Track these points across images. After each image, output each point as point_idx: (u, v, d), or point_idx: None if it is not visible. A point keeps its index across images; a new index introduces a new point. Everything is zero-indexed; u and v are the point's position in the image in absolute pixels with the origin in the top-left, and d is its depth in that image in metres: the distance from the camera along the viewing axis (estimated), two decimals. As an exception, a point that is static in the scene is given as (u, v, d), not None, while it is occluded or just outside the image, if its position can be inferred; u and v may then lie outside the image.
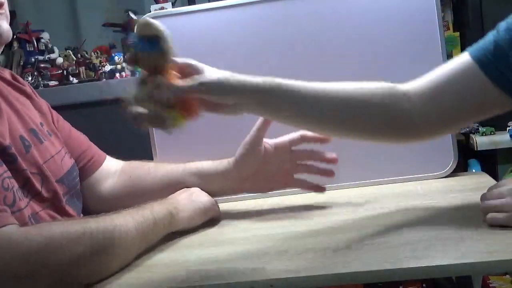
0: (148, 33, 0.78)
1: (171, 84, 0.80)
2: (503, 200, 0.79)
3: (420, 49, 1.16)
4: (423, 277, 1.19)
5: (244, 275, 0.75)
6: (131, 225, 0.84)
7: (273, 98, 0.86)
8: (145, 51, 0.80)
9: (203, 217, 1.01)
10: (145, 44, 0.79)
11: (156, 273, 0.80)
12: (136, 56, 0.80)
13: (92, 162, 1.10)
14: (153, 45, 0.79)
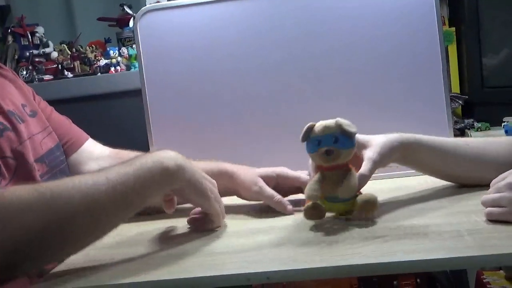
0: (349, 130, 0.85)
1: (362, 175, 0.88)
2: (500, 195, 0.80)
3: (418, 44, 1.17)
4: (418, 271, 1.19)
5: (240, 267, 0.75)
6: (103, 186, 0.77)
7: (420, 152, 0.96)
8: (348, 148, 0.86)
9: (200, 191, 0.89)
10: (346, 140, 0.85)
11: (148, 264, 0.80)
12: (340, 154, 0.85)
13: (70, 143, 1.09)
14: (352, 140, 0.86)
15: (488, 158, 0.97)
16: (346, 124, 0.86)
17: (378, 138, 0.93)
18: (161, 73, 1.22)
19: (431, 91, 1.18)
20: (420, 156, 0.97)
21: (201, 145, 1.21)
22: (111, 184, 0.78)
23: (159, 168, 0.83)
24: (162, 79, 1.22)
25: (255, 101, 1.20)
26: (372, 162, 0.90)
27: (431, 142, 0.96)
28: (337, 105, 1.18)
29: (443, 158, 0.97)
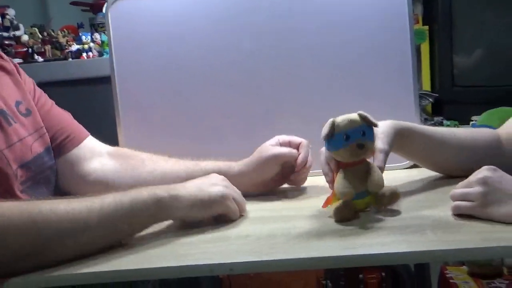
0: (374, 122, 0.84)
1: (381, 168, 0.87)
2: (470, 189, 0.80)
3: (389, 41, 1.17)
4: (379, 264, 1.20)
5: (204, 258, 0.75)
6: (95, 218, 0.77)
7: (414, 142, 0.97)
8: (373, 140, 0.85)
9: (204, 210, 0.87)
10: (372, 133, 0.85)
11: (110, 253, 0.79)
12: (366, 146, 0.83)
13: (70, 138, 1.06)
14: (373, 134, 0.85)
15: (469, 147, 0.99)
16: (369, 116, 0.84)
17: (381, 127, 0.91)
18: (132, 61, 1.20)
19: (400, 88, 1.18)
20: (414, 145, 0.97)
21: (171, 136, 1.20)
22: (101, 216, 0.78)
23: (153, 199, 0.82)
24: (133, 67, 1.20)
25: (227, 91, 1.19)
26: (384, 154, 0.89)
27: (424, 131, 0.98)
28: (307, 99, 1.18)
29: (432, 147, 0.98)
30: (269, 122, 1.18)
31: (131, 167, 1.07)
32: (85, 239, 0.77)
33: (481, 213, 0.79)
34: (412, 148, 0.99)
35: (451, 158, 0.99)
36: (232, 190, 0.91)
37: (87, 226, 0.77)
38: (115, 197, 0.80)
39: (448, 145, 0.99)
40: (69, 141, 1.06)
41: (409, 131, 0.96)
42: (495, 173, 0.80)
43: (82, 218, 0.77)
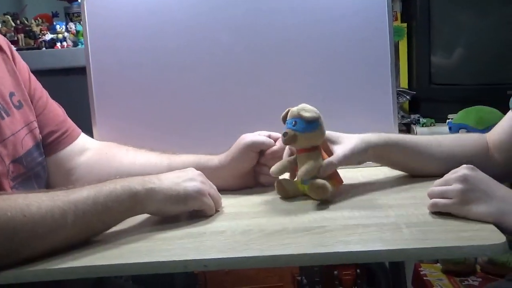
0: (307, 115, 0.89)
1: (329, 162, 0.91)
2: (448, 187, 0.80)
3: (368, 37, 1.16)
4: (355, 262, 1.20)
5: (178, 254, 0.74)
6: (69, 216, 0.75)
7: (394, 152, 0.98)
8: (305, 131, 0.90)
9: (179, 205, 0.85)
10: (304, 124, 0.90)
11: (83, 249, 0.77)
12: (296, 137, 0.90)
13: (66, 135, 1.04)
14: (312, 125, 0.90)
15: (458, 156, 0.98)
16: (305, 109, 0.91)
17: (354, 137, 0.95)
18: (108, 51, 1.17)
19: (378, 84, 1.17)
20: (394, 156, 0.99)
21: (147, 129, 1.17)
22: (77, 215, 0.76)
23: (128, 194, 0.81)
24: (108, 58, 1.17)
25: (205, 85, 1.17)
26: (342, 155, 0.92)
27: (405, 142, 0.98)
28: (285, 94, 1.17)
29: (417, 158, 0.99)
30: (247, 116, 1.16)
31: (114, 157, 1.05)
32: (60, 238, 0.75)
33: (458, 211, 0.79)
34: (394, 159, 1.00)
35: (437, 167, 0.98)
36: (208, 185, 0.90)
37: (62, 226, 0.75)
38: (89, 193, 0.78)
39: (433, 156, 0.99)
40: (64, 138, 1.04)
41: (391, 143, 0.97)
42: (474, 171, 0.81)
43: (58, 220, 0.75)
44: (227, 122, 1.17)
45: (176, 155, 1.04)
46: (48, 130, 1.01)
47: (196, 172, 0.90)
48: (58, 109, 1.06)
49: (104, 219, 0.79)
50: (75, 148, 1.05)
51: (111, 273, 0.76)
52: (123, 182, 0.81)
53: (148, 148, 1.07)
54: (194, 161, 1.01)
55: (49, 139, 1.01)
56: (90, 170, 1.04)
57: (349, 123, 1.15)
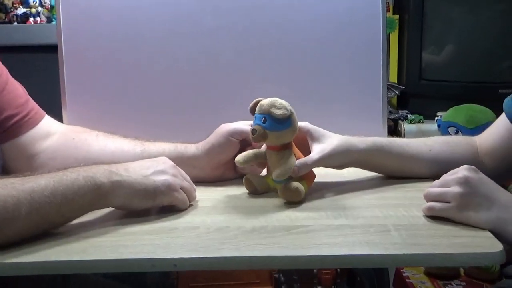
0: (278, 113, 0.82)
1: (304, 163, 0.85)
2: (447, 189, 0.75)
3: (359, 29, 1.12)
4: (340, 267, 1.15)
5: (146, 252, 0.67)
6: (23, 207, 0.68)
7: (379, 157, 0.93)
8: (275, 130, 0.83)
9: (147, 201, 0.78)
10: (274, 122, 0.83)
11: (42, 242, 0.70)
12: (265, 134, 0.83)
13: (27, 118, 0.96)
14: (283, 123, 0.83)
15: (448, 161, 0.93)
16: (276, 105, 0.83)
17: (335, 138, 0.90)
18: (81, 29, 1.10)
19: (368, 77, 1.14)
20: (381, 162, 0.94)
21: (121, 113, 1.11)
22: (32, 206, 0.68)
23: (91, 187, 0.73)
24: (82, 36, 1.11)
25: (183, 68, 1.11)
26: (319, 157, 0.86)
27: (392, 147, 0.93)
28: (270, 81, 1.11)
29: (404, 163, 0.94)
30: (227, 105, 1.11)
31: (82, 142, 0.98)
32: (12, 230, 0.68)
33: (456, 216, 0.74)
34: (380, 165, 0.95)
35: (425, 172, 0.94)
36: (180, 179, 0.83)
37: (16, 218, 0.67)
38: (48, 182, 0.70)
39: (422, 160, 0.94)
40: (26, 121, 0.96)
41: (377, 149, 0.92)
42: (475, 173, 0.76)
43: (11, 210, 0.67)
44: (206, 110, 1.11)
45: (150, 142, 0.97)
46: (8, 113, 0.93)
47: (168, 164, 0.83)
48: (19, 89, 0.97)
49: (64, 212, 0.72)
50: (38, 132, 0.97)
51: (70, 270, 0.69)
52: (87, 172, 0.74)
53: (121, 134, 1.00)
54: (170, 149, 0.94)
55: (8, 122, 0.93)
56: (54, 157, 0.96)
57: (336, 116, 1.11)
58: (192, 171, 0.90)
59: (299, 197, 0.84)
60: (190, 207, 0.84)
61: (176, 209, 0.82)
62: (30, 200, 0.68)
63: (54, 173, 0.72)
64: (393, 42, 1.81)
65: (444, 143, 0.98)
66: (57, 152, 0.97)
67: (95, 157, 0.92)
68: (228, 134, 0.93)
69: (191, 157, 0.94)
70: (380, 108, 1.13)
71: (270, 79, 1.12)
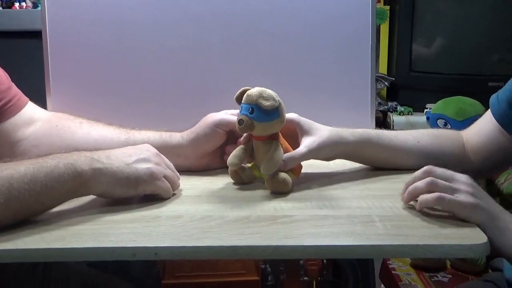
0: (266, 105, 0.80)
1: (291, 158, 0.84)
2: (426, 180, 0.75)
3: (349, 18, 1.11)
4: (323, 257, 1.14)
5: (126, 240, 0.66)
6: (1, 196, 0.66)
7: (367, 149, 0.92)
8: (263, 121, 0.82)
9: (129, 189, 0.77)
10: (262, 113, 0.81)
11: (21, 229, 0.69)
12: (253, 125, 0.81)
13: (10, 105, 0.94)
14: (271, 114, 0.82)
15: (436, 154, 0.94)
16: (264, 96, 0.81)
17: (325, 130, 0.88)
18: (66, 15, 1.08)
19: (357, 69, 1.13)
20: (369, 154, 0.93)
21: (106, 101, 1.10)
22: (11, 194, 0.67)
23: (72, 174, 0.71)
24: (67, 22, 1.08)
25: (170, 56, 1.09)
26: (307, 150, 0.85)
27: (379, 139, 0.92)
28: (258, 70, 1.10)
29: (392, 154, 0.93)
30: (213, 94, 1.09)
31: (65, 129, 0.96)
32: None
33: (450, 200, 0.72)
34: (367, 157, 0.94)
35: (412, 165, 0.92)
36: (163, 167, 0.81)
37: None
38: (27, 169, 0.69)
39: (409, 153, 0.93)
40: (8, 108, 0.94)
41: (364, 141, 0.91)
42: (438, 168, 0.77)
43: None
44: (192, 99, 1.10)
45: (135, 130, 0.96)
46: None
47: (152, 151, 0.82)
48: (1, 75, 0.96)
49: (43, 200, 0.70)
50: (21, 119, 0.95)
51: (49, 258, 0.67)
52: (67, 159, 0.72)
53: (106, 122, 0.98)
54: (155, 137, 0.93)
55: None
56: (38, 143, 0.94)
57: (324, 107, 1.10)
58: (177, 160, 0.88)
59: (287, 188, 0.83)
60: (174, 196, 0.83)
61: (160, 197, 0.81)
62: (9, 187, 0.66)
63: (34, 159, 0.71)
64: (384, 33, 1.80)
65: (432, 136, 0.98)
66: (40, 139, 0.95)
67: (79, 144, 0.91)
68: (214, 124, 0.91)
69: (176, 146, 0.93)
70: (368, 100, 1.12)
71: (257, 70, 1.10)
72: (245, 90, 0.84)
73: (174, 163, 0.86)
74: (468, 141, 0.98)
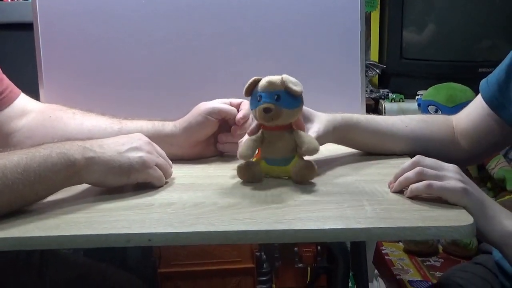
0: (293, 88, 0.78)
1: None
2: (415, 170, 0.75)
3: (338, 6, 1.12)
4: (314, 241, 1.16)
5: (120, 227, 0.67)
6: None
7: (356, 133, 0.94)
8: (291, 108, 0.79)
9: (121, 178, 0.78)
10: (291, 99, 0.79)
11: (17, 218, 0.70)
12: (280, 113, 0.78)
13: (2, 97, 0.95)
14: (297, 100, 0.80)
15: (424, 138, 0.96)
16: (292, 81, 0.79)
17: (323, 115, 0.90)
18: (57, 7, 1.09)
19: (347, 56, 1.14)
20: (357, 138, 0.95)
21: (98, 92, 1.10)
22: (5, 183, 0.67)
23: (65, 163, 0.72)
24: (58, 14, 1.09)
25: (160, 46, 1.10)
26: (317, 135, 0.86)
27: (368, 123, 0.94)
28: (248, 60, 1.11)
29: (380, 138, 0.95)
30: (204, 83, 1.10)
31: (58, 120, 0.97)
32: None
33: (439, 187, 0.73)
34: (356, 141, 0.96)
35: (401, 148, 0.95)
36: (155, 155, 0.82)
37: None
38: (21, 159, 0.70)
39: (398, 137, 0.95)
40: (1, 100, 0.95)
41: (354, 125, 0.92)
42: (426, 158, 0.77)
43: None
44: (183, 88, 1.10)
45: (128, 120, 0.97)
46: None
47: (143, 140, 0.83)
48: None
49: (37, 189, 0.71)
50: (14, 111, 0.97)
51: (45, 245, 0.68)
52: (60, 149, 0.73)
53: (98, 112, 0.99)
54: (148, 127, 0.94)
55: None
56: (31, 135, 0.95)
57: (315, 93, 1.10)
58: (169, 149, 0.89)
59: (315, 174, 0.82)
60: (167, 184, 0.84)
61: (152, 186, 0.82)
62: (2, 177, 0.67)
63: (27, 149, 0.72)
64: (374, 21, 1.80)
65: (421, 120, 0.99)
66: (34, 131, 0.96)
67: (72, 135, 0.92)
68: (206, 113, 0.92)
69: (169, 135, 0.94)
70: (358, 86, 1.13)
71: (248, 58, 1.11)
72: (257, 80, 0.81)
73: (167, 151, 0.87)
74: (458, 125, 0.99)
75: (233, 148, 0.97)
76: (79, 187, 0.79)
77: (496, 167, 1.54)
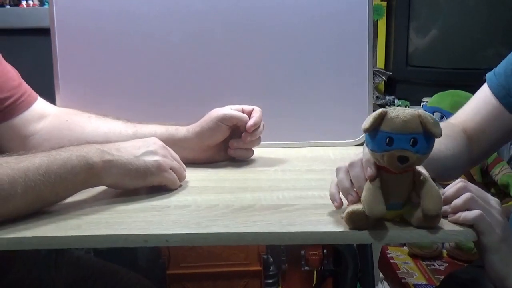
0: (434, 131, 0.63)
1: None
2: (465, 196, 0.70)
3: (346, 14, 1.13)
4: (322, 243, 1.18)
5: (138, 228, 0.70)
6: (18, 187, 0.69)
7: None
8: (425, 154, 0.65)
9: (138, 180, 0.81)
10: (428, 144, 0.64)
11: (39, 219, 0.73)
12: (417, 161, 0.65)
13: (21, 101, 0.98)
14: (431, 144, 0.65)
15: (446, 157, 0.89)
16: (432, 122, 0.63)
17: None
18: (73, 12, 1.11)
19: (355, 64, 1.14)
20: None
21: (113, 96, 1.12)
22: (28, 185, 0.70)
23: (84, 166, 0.75)
24: (74, 19, 1.11)
25: (175, 52, 1.12)
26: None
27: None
28: (258, 67, 1.13)
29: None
30: (218, 89, 1.12)
31: (75, 124, 1.00)
32: (9, 208, 0.70)
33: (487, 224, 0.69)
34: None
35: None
36: (170, 159, 0.85)
37: (12, 196, 0.69)
38: (42, 161, 0.72)
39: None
40: (19, 104, 0.98)
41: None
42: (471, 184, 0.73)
43: (7, 188, 0.69)
44: (197, 95, 1.12)
45: (142, 124, 1.00)
46: (1, 96, 0.95)
47: (158, 144, 0.86)
48: (12, 71, 0.99)
49: (57, 190, 0.74)
50: (32, 114, 1.00)
51: (66, 245, 0.71)
52: (79, 152, 0.76)
53: (113, 116, 1.02)
54: (162, 131, 0.97)
55: (2, 105, 0.96)
56: (49, 138, 0.98)
57: (322, 101, 1.13)
58: (182, 153, 0.92)
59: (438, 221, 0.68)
60: (181, 187, 0.86)
61: (167, 188, 0.84)
62: (25, 179, 0.70)
63: (48, 152, 0.75)
64: (381, 29, 1.83)
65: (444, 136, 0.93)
66: (51, 134, 0.99)
67: (89, 138, 0.94)
68: (218, 119, 0.95)
69: (182, 139, 0.96)
70: (366, 93, 1.15)
71: (258, 65, 1.13)
72: (383, 114, 0.64)
73: (180, 155, 0.89)
74: (468, 129, 0.98)
75: (243, 153, 1.00)
76: (96, 189, 0.82)
77: (500, 173, 1.56)
